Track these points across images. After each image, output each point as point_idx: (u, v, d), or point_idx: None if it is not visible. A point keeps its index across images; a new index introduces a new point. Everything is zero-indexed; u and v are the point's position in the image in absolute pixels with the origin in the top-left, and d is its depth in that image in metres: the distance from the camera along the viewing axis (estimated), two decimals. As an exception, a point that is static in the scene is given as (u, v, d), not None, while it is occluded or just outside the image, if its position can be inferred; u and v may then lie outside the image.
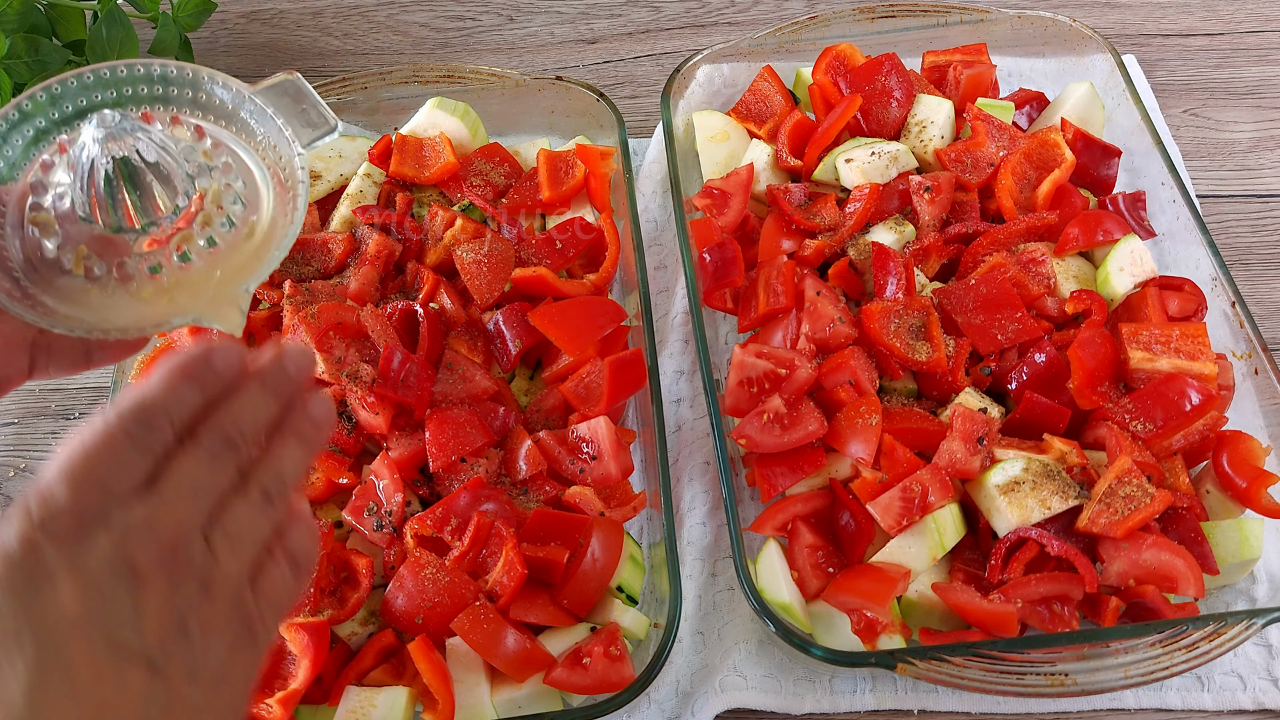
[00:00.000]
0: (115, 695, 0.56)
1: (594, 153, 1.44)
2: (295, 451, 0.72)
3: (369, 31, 1.87)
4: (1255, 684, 1.10)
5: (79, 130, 0.85)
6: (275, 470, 0.70)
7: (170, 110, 0.89)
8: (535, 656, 1.05)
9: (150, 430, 0.63)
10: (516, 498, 1.17)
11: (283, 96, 0.94)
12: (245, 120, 0.92)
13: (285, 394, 0.73)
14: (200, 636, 0.61)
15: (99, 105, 0.86)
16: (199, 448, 0.65)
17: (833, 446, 1.16)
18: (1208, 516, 1.13)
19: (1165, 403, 1.13)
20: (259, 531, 0.67)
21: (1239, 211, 1.52)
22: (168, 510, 0.61)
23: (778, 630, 1.03)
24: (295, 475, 0.71)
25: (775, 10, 1.86)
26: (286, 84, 0.94)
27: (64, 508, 0.58)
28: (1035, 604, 1.06)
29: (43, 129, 0.85)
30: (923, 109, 1.44)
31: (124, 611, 0.58)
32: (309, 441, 0.73)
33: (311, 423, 0.74)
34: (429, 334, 1.24)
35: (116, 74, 0.87)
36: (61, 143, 0.85)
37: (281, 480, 0.70)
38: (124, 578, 0.58)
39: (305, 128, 0.93)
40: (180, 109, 0.89)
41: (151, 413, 0.63)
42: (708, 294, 1.31)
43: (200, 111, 0.90)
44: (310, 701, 1.07)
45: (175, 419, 0.65)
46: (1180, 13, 1.79)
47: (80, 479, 0.59)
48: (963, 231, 1.32)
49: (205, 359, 0.68)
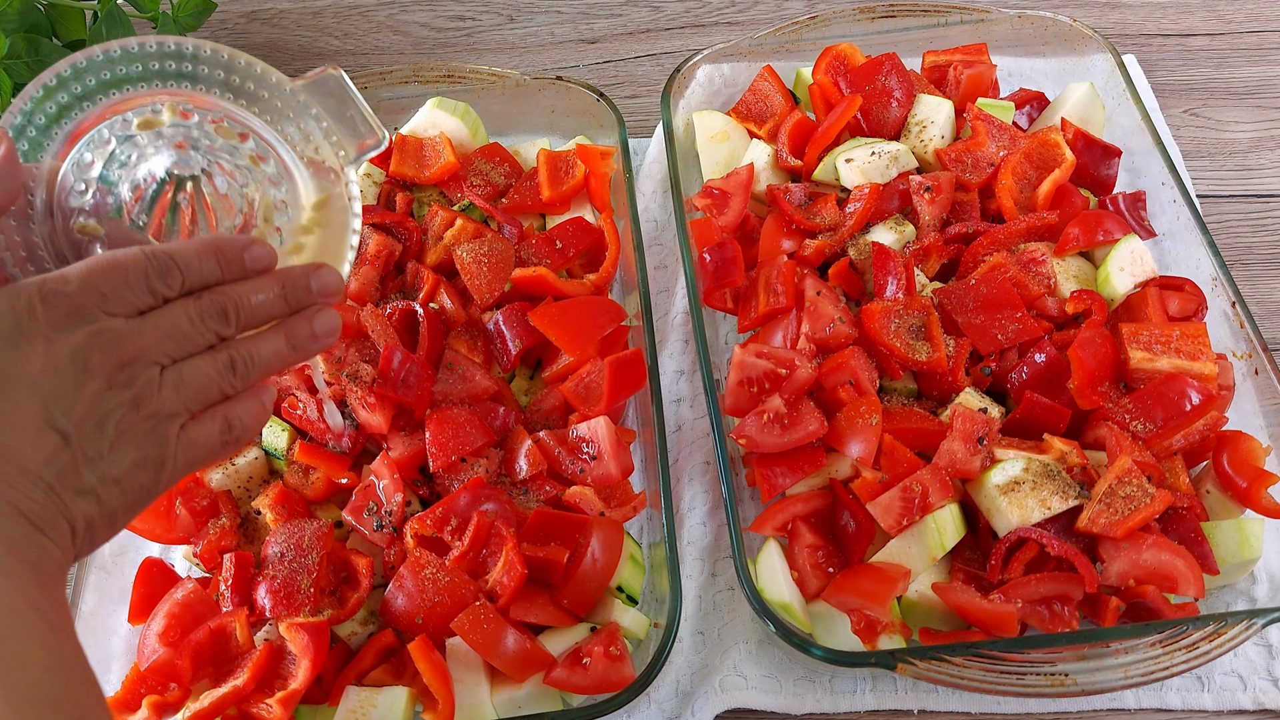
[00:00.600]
0: (31, 444, 0.69)
1: (594, 153, 1.44)
2: (279, 345, 0.83)
3: (369, 31, 1.87)
4: (1255, 684, 1.10)
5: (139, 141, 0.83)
6: (250, 350, 0.81)
7: (198, 89, 0.86)
8: (535, 656, 1.05)
9: (163, 276, 0.76)
10: (516, 498, 1.17)
11: (326, 96, 0.90)
12: (279, 110, 0.89)
13: (297, 301, 0.83)
14: (113, 438, 0.73)
15: (124, 79, 0.83)
16: (191, 303, 0.77)
17: (833, 446, 1.16)
18: (1208, 516, 1.13)
19: (1165, 403, 1.13)
20: (208, 389, 0.78)
21: (1239, 211, 1.52)
22: (136, 335, 0.74)
23: (778, 630, 1.03)
24: (268, 363, 0.82)
25: (775, 10, 1.86)
26: (330, 80, 0.90)
27: (67, 294, 0.71)
28: (1035, 604, 1.06)
29: (65, 104, 0.83)
30: (923, 109, 1.44)
31: (65, 391, 0.71)
32: (298, 344, 0.84)
33: (309, 330, 0.84)
34: (429, 334, 1.24)
35: (145, 49, 0.84)
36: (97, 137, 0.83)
37: (251, 360, 0.81)
38: (77, 369, 0.71)
39: (351, 137, 0.90)
40: (209, 89, 0.87)
41: (171, 265, 0.76)
42: (708, 294, 1.31)
43: (230, 95, 0.87)
44: (310, 701, 1.07)
45: (188, 279, 0.77)
46: (1180, 13, 1.79)
47: (90, 282, 0.72)
48: (963, 231, 1.32)
49: (243, 246, 0.81)
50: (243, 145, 0.88)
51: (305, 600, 1.07)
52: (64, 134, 0.83)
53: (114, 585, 1.16)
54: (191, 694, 1.05)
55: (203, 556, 1.16)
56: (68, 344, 0.71)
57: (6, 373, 0.69)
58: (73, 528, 0.72)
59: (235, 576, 1.10)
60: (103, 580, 1.16)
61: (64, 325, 0.71)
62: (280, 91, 0.88)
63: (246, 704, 1.04)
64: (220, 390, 0.79)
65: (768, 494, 1.15)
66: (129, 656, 1.13)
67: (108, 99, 0.83)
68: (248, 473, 1.22)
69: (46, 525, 0.70)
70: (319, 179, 0.90)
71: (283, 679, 1.05)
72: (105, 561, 1.18)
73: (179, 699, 1.04)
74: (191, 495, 1.19)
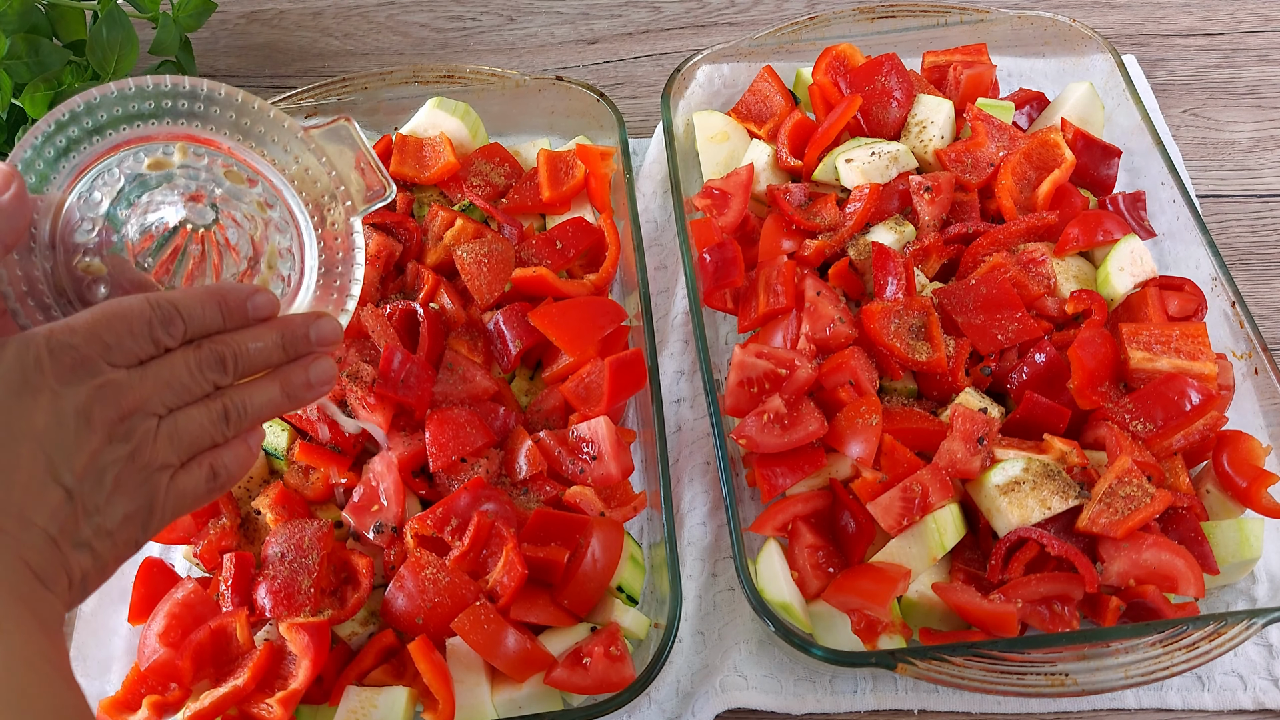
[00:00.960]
0: (37, 498, 0.70)
1: (594, 153, 1.44)
2: (273, 394, 0.84)
3: (369, 32, 1.87)
4: (1255, 684, 1.10)
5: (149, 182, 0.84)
6: (244, 399, 0.82)
7: (209, 129, 0.86)
8: (535, 656, 1.05)
9: (167, 326, 0.77)
10: (517, 498, 1.17)
11: (337, 144, 0.91)
12: (288, 155, 0.89)
13: (295, 351, 0.84)
14: (110, 490, 0.74)
15: (136, 116, 0.84)
16: (192, 354, 0.78)
17: (833, 446, 1.16)
18: (1208, 516, 1.13)
19: (1165, 403, 1.13)
20: (201, 439, 0.79)
21: (1239, 211, 1.52)
22: (137, 387, 0.75)
23: (778, 630, 1.03)
24: (261, 411, 0.83)
25: (775, 10, 1.86)
26: (341, 130, 0.91)
27: (74, 346, 0.72)
28: (1035, 604, 1.06)
29: (75, 138, 0.83)
30: (923, 109, 1.44)
31: (68, 446, 0.72)
32: (293, 393, 0.85)
33: (304, 379, 0.85)
34: (429, 334, 1.24)
35: (160, 88, 0.84)
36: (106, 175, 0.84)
37: (244, 409, 0.82)
38: (80, 423, 0.72)
39: (358, 187, 0.91)
40: (219, 129, 0.87)
41: (174, 315, 0.77)
42: (708, 294, 1.31)
43: (240, 136, 0.88)
44: (310, 701, 1.07)
45: (190, 328, 0.78)
46: (1180, 13, 1.79)
47: (96, 333, 0.73)
48: (963, 231, 1.32)
49: (246, 296, 0.82)
50: (251, 190, 0.88)
51: (305, 600, 1.07)
52: (71, 167, 0.83)
53: (114, 585, 1.16)
54: (192, 694, 1.05)
55: (203, 556, 1.16)
56: (72, 399, 0.72)
57: (13, 427, 0.70)
58: (69, 579, 0.73)
59: (235, 576, 1.10)
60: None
61: (69, 379, 0.72)
62: (291, 137, 0.89)
63: (247, 704, 1.04)
64: (211, 439, 0.80)
65: (768, 494, 1.15)
66: (129, 656, 1.13)
67: (118, 134, 0.84)
68: (248, 473, 1.22)
69: (48, 578, 0.71)
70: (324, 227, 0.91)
71: (283, 679, 1.05)
72: (105, 562, 1.18)
73: (179, 699, 1.04)
74: (192, 495, 1.19)
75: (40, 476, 0.70)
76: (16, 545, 0.69)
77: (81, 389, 0.72)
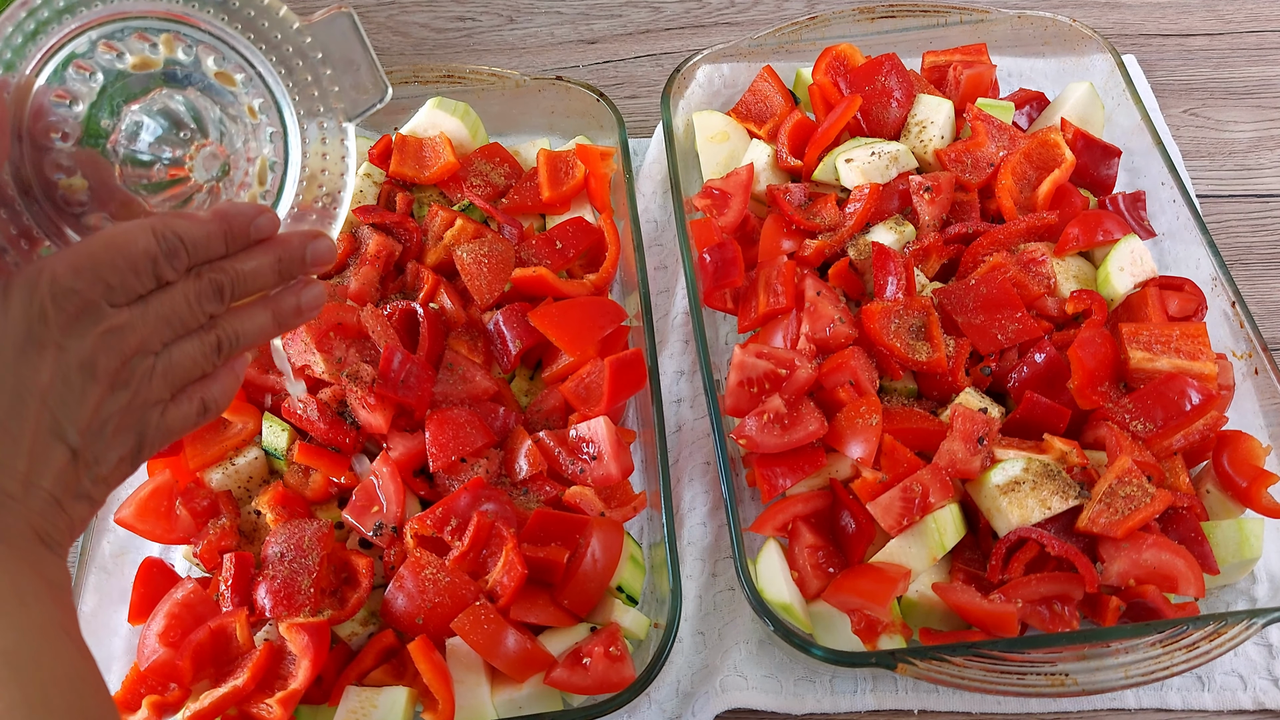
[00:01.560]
0: (43, 461, 0.70)
1: (594, 153, 1.44)
2: (264, 320, 0.83)
3: (369, 32, 1.86)
4: (1255, 684, 1.10)
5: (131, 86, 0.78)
6: (236, 328, 0.80)
7: (191, 5, 0.79)
8: (535, 656, 1.05)
9: (171, 261, 0.74)
10: (516, 498, 1.17)
11: (333, 39, 0.83)
12: (280, 47, 0.82)
13: (290, 272, 0.83)
14: (110, 438, 0.74)
15: None
16: (192, 286, 0.76)
17: (833, 446, 1.16)
18: (1208, 516, 1.13)
19: (1165, 403, 1.13)
20: (193, 371, 0.78)
21: (1239, 211, 1.52)
22: (140, 326, 0.73)
23: (778, 630, 1.03)
24: (252, 338, 0.82)
25: (775, 10, 1.86)
26: (340, 22, 0.83)
27: (76, 291, 0.70)
28: (1035, 604, 1.06)
29: (44, 20, 0.77)
30: (923, 109, 1.44)
31: (73, 402, 0.71)
32: (283, 318, 0.84)
33: (294, 305, 0.84)
34: (429, 334, 1.24)
35: None
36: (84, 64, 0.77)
37: (237, 338, 0.81)
38: (85, 377, 0.71)
39: (352, 90, 0.84)
40: (203, 8, 0.80)
41: (179, 248, 0.74)
42: (708, 294, 1.31)
43: (226, 17, 0.80)
44: (310, 701, 1.07)
45: (194, 259, 0.76)
46: (1180, 13, 1.79)
47: (99, 274, 0.71)
48: (963, 231, 1.32)
49: (250, 220, 0.79)
50: (242, 95, 0.82)
51: (305, 600, 1.07)
52: (41, 48, 0.77)
53: (114, 585, 1.16)
54: (191, 694, 1.05)
55: (203, 556, 1.16)
56: (77, 352, 0.71)
57: (20, 386, 0.69)
58: (71, 532, 0.73)
59: (235, 576, 1.10)
60: (103, 580, 1.16)
61: (73, 328, 0.71)
62: (284, 28, 0.82)
63: (246, 704, 1.04)
64: (202, 370, 0.79)
65: (768, 494, 1.15)
66: (129, 656, 1.13)
67: (90, 10, 0.77)
68: (248, 473, 1.22)
69: (53, 539, 0.71)
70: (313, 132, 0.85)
71: (283, 679, 1.05)
72: (105, 561, 1.18)
73: (179, 699, 1.04)
74: (191, 495, 1.19)
75: (45, 438, 0.70)
76: (25, 511, 0.69)
77: (86, 339, 0.71)
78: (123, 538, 1.19)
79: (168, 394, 0.77)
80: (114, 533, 1.18)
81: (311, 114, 0.85)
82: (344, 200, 0.86)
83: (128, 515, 1.15)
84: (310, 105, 0.84)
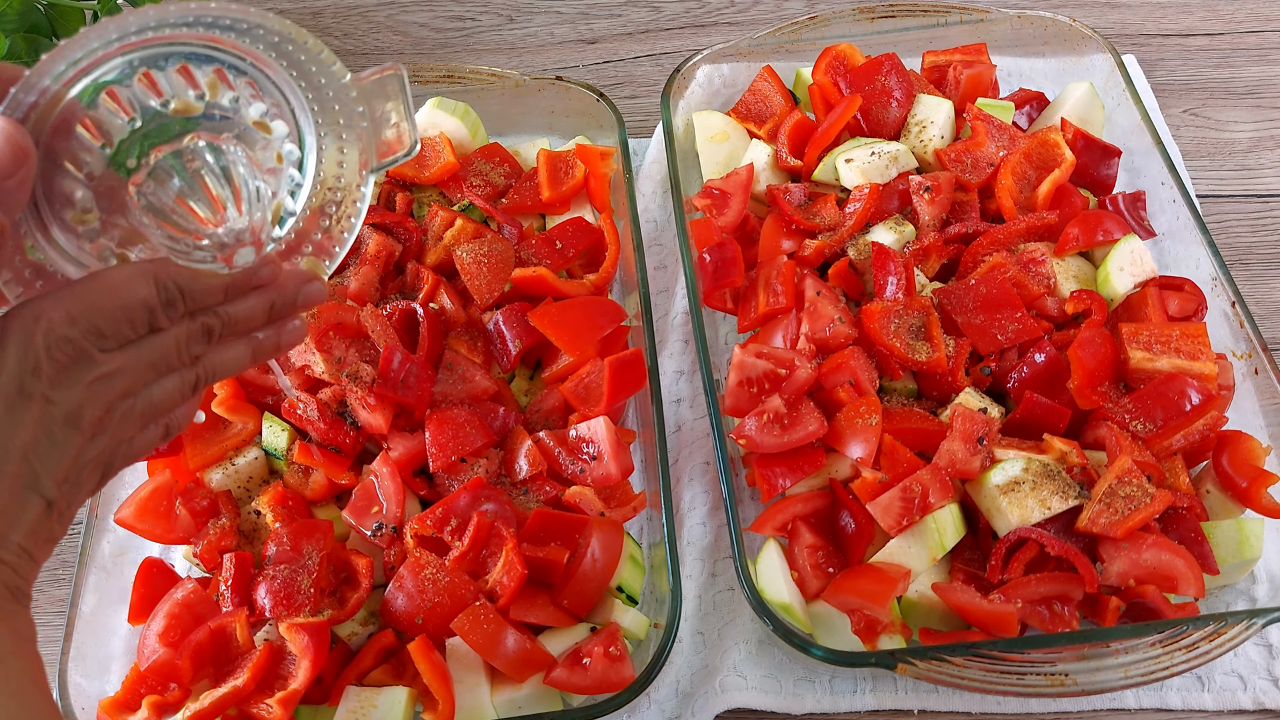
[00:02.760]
0: (16, 514, 0.69)
1: (594, 153, 1.44)
2: (242, 356, 0.82)
3: (369, 31, 1.87)
4: (1255, 684, 1.10)
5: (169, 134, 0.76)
6: (215, 366, 0.80)
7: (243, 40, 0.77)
8: (535, 656, 1.05)
9: (168, 311, 0.73)
10: (516, 498, 1.17)
11: (376, 95, 0.82)
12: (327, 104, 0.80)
13: (281, 316, 0.82)
14: (82, 484, 0.73)
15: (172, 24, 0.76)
16: (184, 330, 0.75)
17: (833, 446, 1.16)
18: (1208, 516, 1.13)
19: (1165, 403, 1.13)
20: (166, 407, 0.77)
21: (1239, 211, 1.52)
22: (128, 372, 0.72)
23: (778, 630, 1.03)
24: (229, 372, 0.83)
25: (775, 10, 1.86)
26: (390, 82, 0.82)
27: (70, 340, 0.69)
28: (1035, 604, 1.06)
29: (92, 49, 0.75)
30: (923, 109, 1.44)
31: (54, 457, 0.70)
32: (261, 354, 0.83)
33: (275, 341, 0.83)
34: (429, 334, 1.24)
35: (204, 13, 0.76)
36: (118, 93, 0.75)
37: (214, 374, 0.80)
38: (69, 430, 0.70)
39: (382, 144, 0.82)
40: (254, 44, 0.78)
41: (178, 300, 0.73)
42: (708, 294, 1.31)
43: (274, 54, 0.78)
44: (310, 701, 1.07)
45: (190, 309, 0.75)
46: (1180, 13, 1.79)
47: (94, 324, 0.70)
48: (963, 231, 1.32)
49: (254, 272, 0.78)
50: (273, 143, 0.81)
51: (305, 600, 1.07)
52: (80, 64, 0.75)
53: (114, 585, 1.16)
54: (191, 694, 1.05)
55: (203, 556, 1.16)
56: (64, 405, 0.70)
57: (3, 443, 0.68)
58: (34, 577, 0.73)
59: (235, 576, 1.10)
60: (103, 580, 1.16)
61: (63, 379, 0.69)
62: (333, 80, 0.80)
63: (246, 704, 1.04)
64: (175, 405, 0.79)
65: (768, 494, 1.15)
66: (129, 656, 1.13)
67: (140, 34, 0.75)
68: (248, 473, 1.22)
69: (21, 592, 0.71)
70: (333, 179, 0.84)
71: (283, 679, 1.05)
72: (105, 561, 1.17)
73: (179, 699, 1.04)
74: (191, 495, 1.19)
75: (21, 493, 0.69)
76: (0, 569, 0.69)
77: (74, 391, 0.70)
78: (122, 538, 1.19)
79: (140, 430, 0.77)
80: (114, 533, 1.18)
81: (338, 164, 0.83)
82: (346, 242, 0.85)
83: (128, 515, 1.15)
84: (338, 156, 0.83)
